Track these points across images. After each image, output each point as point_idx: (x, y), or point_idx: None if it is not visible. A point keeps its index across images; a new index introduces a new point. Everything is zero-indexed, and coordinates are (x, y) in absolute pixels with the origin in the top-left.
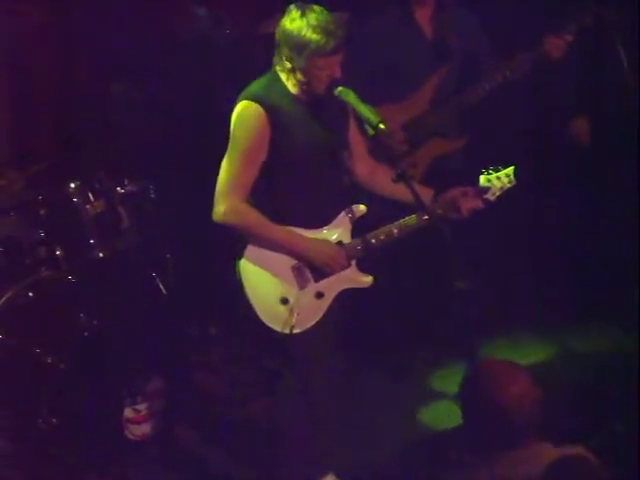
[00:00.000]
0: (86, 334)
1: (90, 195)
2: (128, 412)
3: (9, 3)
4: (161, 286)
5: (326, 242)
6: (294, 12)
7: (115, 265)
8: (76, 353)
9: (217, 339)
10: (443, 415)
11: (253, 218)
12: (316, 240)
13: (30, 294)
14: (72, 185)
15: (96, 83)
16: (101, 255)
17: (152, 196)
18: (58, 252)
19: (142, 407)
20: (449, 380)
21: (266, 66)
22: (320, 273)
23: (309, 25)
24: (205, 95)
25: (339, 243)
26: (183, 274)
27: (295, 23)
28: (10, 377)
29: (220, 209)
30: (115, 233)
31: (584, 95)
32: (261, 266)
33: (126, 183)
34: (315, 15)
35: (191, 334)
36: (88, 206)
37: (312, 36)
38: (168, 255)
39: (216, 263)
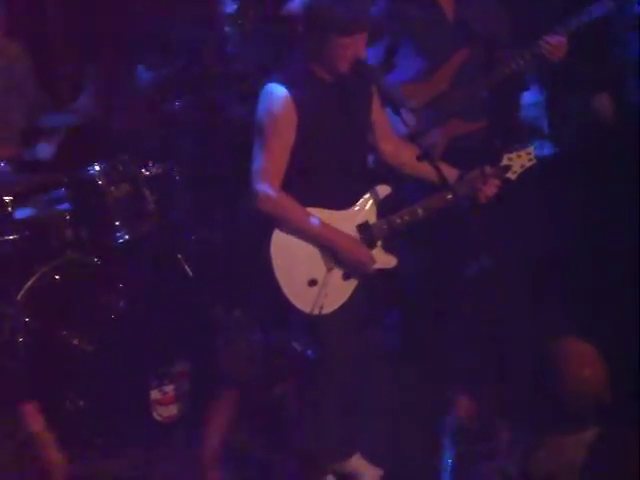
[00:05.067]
0: (112, 316)
1: (115, 177)
2: (155, 394)
3: None
4: (186, 268)
5: (356, 243)
6: None
7: (140, 247)
8: (102, 336)
9: (243, 321)
10: None
11: (288, 207)
12: (346, 238)
13: (56, 276)
14: (97, 167)
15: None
16: (126, 237)
17: (177, 178)
18: (83, 234)
19: (169, 389)
20: None
21: (289, 48)
22: None
23: (335, 4)
24: (231, 75)
25: (365, 223)
26: (208, 256)
27: (321, 2)
28: (37, 360)
29: (255, 197)
30: (140, 215)
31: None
32: (289, 248)
33: (150, 165)
34: None
35: (217, 316)
36: (113, 188)
37: (338, 15)
38: (193, 237)
39: (242, 245)
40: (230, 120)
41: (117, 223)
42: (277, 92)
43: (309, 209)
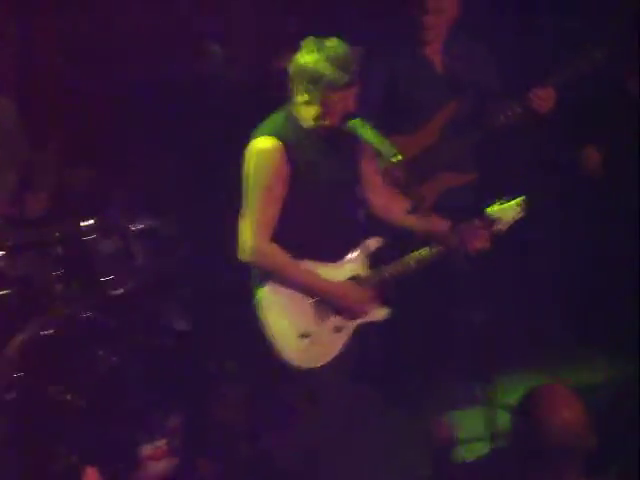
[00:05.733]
0: (104, 371)
1: (104, 232)
2: (147, 449)
3: None
4: (177, 322)
5: (350, 285)
6: (310, 45)
7: (131, 301)
8: (94, 390)
9: (234, 374)
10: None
11: (279, 259)
12: (341, 284)
13: (47, 331)
14: (86, 222)
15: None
16: (117, 292)
17: (167, 232)
18: (74, 289)
19: (161, 443)
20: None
21: (279, 101)
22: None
23: (325, 58)
24: (219, 130)
25: (356, 277)
26: (200, 309)
27: (311, 56)
28: (29, 415)
29: (246, 249)
30: (130, 269)
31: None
32: (281, 300)
33: (140, 220)
34: (331, 48)
35: (209, 369)
36: (103, 243)
37: (328, 69)
38: (184, 290)
39: (234, 298)
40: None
41: (108, 277)
42: (267, 145)
43: (300, 262)
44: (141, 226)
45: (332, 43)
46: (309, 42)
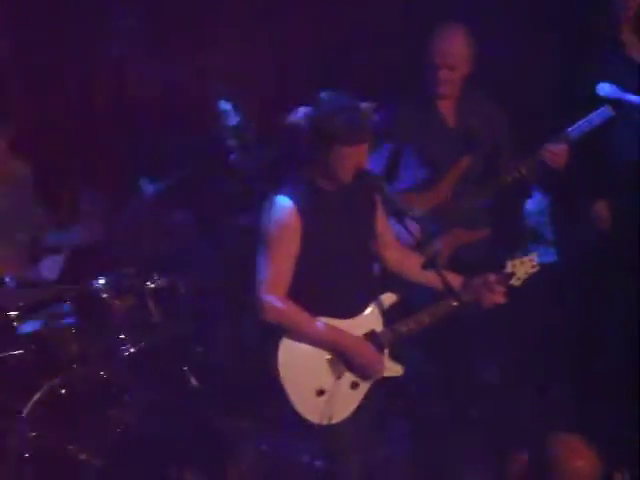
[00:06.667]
0: (119, 430)
1: (119, 290)
2: None
3: None
4: (193, 380)
5: (366, 345)
6: (323, 99)
7: (146, 359)
8: (110, 450)
9: (251, 432)
10: None
11: (294, 316)
12: (357, 339)
13: (62, 390)
14: (101, 281)
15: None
16: (132, 350)
17: (182, 290)
18: (89, 348)
19: None
20: None
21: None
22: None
23: (337, 114)
24: (232, 190)
25: (372, 332)
26: (215, 367)
27: (323, 113)
28: (44, 475)
29: (261, 308)
30: (145, 328)
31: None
32: (296, 357)
33: (155, 277)
34: (345, 104)
35: (224, 427)
36: (117, 301)
37: (340, 125)
38: (200, 349)
39: (249, 355)
40: (233, 231)
41: (122, 336)
42: (281, 203)
43: (317, 319)
44: (157, 284)
45: (345, 99)
46: (322, 98)
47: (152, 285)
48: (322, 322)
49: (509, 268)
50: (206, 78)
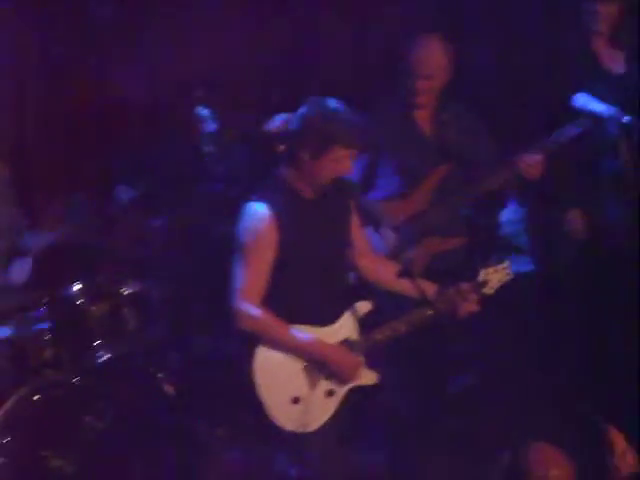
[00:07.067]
0: (93, 437)
1: (94, 296)
2: None
3: None
4: (167, 387)
5: (342, 352)
6: (314, 104)
7: (121, 366)
8: (83, 456)
9: (226, 439)
10: None
11: (270, 324)
12: (333, 347)
13: (36, 397)
14: (76, 287)
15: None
16: (106, 357)
17: (156, 296)
18: (63, 354)
19: None
20: None
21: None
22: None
23: (339, 117)
24: (209, 193)
25: (347, 340)
26: (190, 374)
27: (324, 115)
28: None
29: (237, 316)
30: (120, 334)
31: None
32: (272, 365)
33: (130, 283)
34: (338, 109)
35: (199, 435)
36: (92, 307)
37: (343, 127)
38: (175, 355)
39: (225, 362)
40: (209, 238)
41: (97, 342)
42: (258, 210)
43: (293, 326)
44: (132, 290)
45: (337, 105)
46: (315, 102)
47: (126, 291)
48: (298, 330)
49: (482, 277)
50: (184, 85)
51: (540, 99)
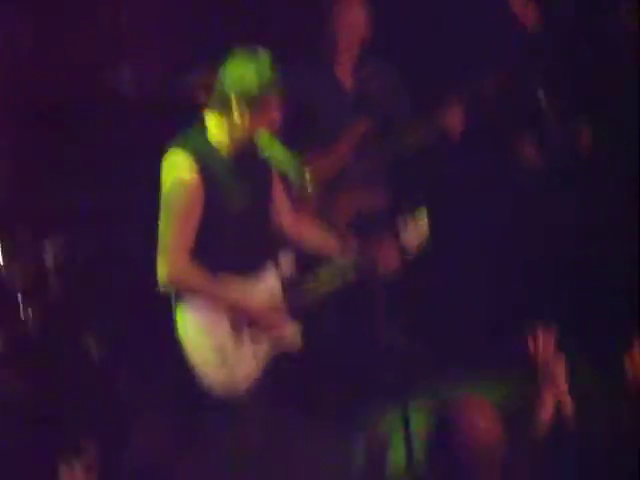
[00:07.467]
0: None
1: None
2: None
3: None
4: (93, 349)
5: (268, 307)
6: (242, 54)
7: (46, 329)
8: (7, 419)
9: (153, 396)
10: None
11: (198, 280)
12: (260, 305)
13: None
14: None
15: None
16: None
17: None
18: None
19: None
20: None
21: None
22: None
23: (262, 65)
24: (130, 147)
25: (271, 294)
26: (115, 332)
27: (246, 65)
28: None
29: (164, 272)
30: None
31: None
32: (196, 317)
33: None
34: (264, 57)
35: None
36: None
37: (266, 75)
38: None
39: (150, 318)
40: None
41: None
42: (183, 164)
43: (218, 276)
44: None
45: (262, 52)
46: (240, 52)
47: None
48: (225, 286)
49: (402, 232)
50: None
51: (457, 52)
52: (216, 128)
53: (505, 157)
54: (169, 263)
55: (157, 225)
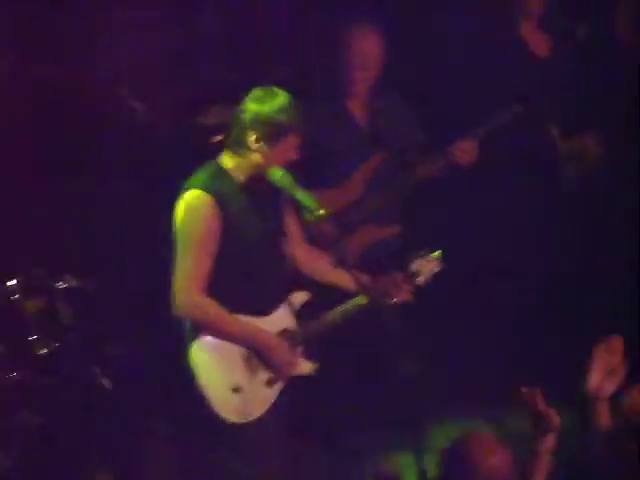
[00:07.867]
0: (30, 433)
1: (30, 290)
2: None
3: None
4: (104, 382)
5: (280, 342)
6: (261, 93)
7: (57, 361)
8: (21, 451)
9: (166, 432)
10: None
11: (213, 312)
12: (273, 339)
13: None
14: (10, 283)
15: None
16: (43, 352)
17: (92, 291)
18: None
19: None
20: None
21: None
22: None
23: (281, 105)
24: (146, 186)
25: (285, 330)
26: (129, 368)
27: (266, 104)
28: None
29: (180, 303)
30: (56, 329)
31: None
32: (213, 354)
33: (66, 278)
34: (283, 96)
35: (139, 428)
36: (28, 302)
37: (286, 114)
38: (111, 350)
39: (165, 355)
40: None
41: (33, 337)
42: (202, 198)
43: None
44: (67, 285)
45: (281, 92)
46: (259, 90)
47: (62, 286)
48: (238, 318)
49: (414, 267)
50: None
51: (470, 86)
52: (231, 164)
53: (519, 190)
54: (185, 291)
55: (171, 260)
